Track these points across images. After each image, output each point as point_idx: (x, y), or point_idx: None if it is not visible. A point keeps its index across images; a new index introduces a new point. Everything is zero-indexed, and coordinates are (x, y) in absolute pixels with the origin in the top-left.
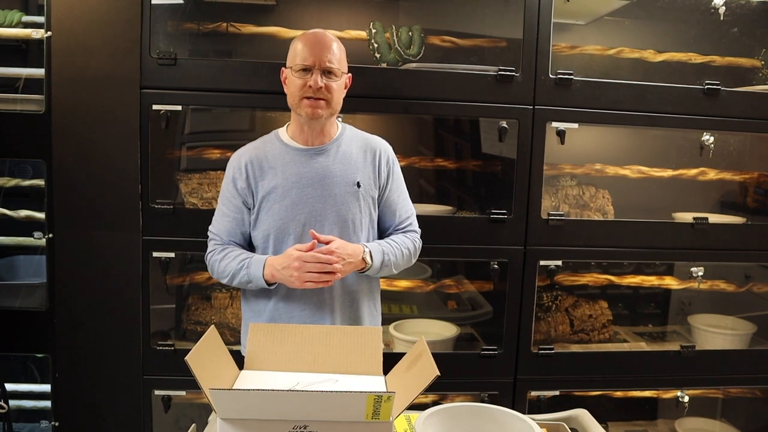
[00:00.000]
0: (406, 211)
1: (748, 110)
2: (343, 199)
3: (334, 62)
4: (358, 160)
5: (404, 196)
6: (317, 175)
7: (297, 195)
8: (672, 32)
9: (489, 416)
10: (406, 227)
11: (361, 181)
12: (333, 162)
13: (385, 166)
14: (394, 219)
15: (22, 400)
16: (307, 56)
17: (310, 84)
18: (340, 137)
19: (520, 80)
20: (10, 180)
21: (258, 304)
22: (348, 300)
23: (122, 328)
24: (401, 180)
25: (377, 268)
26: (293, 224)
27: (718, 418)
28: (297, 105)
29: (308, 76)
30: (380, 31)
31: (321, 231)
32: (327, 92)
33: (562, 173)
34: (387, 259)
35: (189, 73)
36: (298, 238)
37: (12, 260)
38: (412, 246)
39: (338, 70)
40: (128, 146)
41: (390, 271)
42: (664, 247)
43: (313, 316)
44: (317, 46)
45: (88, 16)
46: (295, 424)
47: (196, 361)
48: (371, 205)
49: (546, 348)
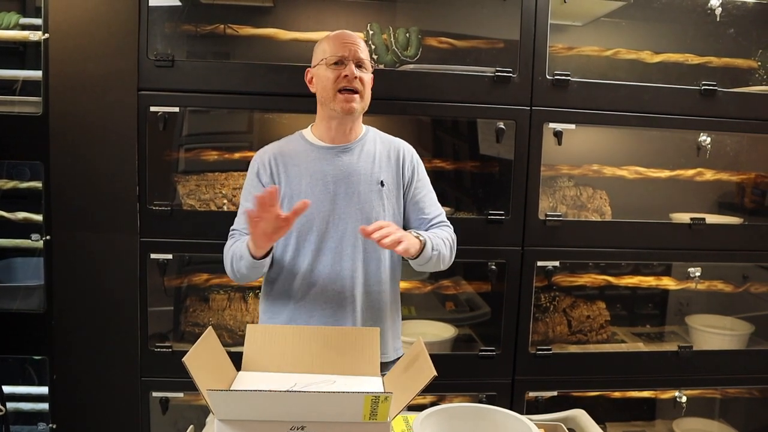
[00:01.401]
0: (435, 209)
1: (745, 111)
2: (367, 197)
3: (364, 55)
4: (382, 159)
5: (431, 196)
6: (342, 173)
7: (321, 192)
8: (669, 33)
9: (487, 417)
10: (439, 223)
11: (384, 180)
12: (357, 160)
13: (409, 165)
14: (424, 216)
15: (20, 403)
16: (339, 49)
17: (345, 74)
18: (365, 137)
19: (517, 81)
20: (8, 182)
21: (277, 305)
22: (370, 301)
23: (120, 330)
24: (427, 180)
25: (429, 251)
26: (317, 221)
27: (716, 418)
28: (331, 100)
29: (342, 67)
30: (377, 32)
31: (344, 228)
32: (361, 84)
33: (560, 174)
34: (436, 244)
35: (187, 74)
36: (321, 234)
37: (9, 262)
38: (450, 237)
39: (368, 62)
40: (126, 148)
41: (438, 261)
42: (661, 247)
43: (334, 315)
44: (348, 40)
45: (86, 18)
46: (292, 425)
47: (193, 362)
48: (395, 205)
49: (544, 349)
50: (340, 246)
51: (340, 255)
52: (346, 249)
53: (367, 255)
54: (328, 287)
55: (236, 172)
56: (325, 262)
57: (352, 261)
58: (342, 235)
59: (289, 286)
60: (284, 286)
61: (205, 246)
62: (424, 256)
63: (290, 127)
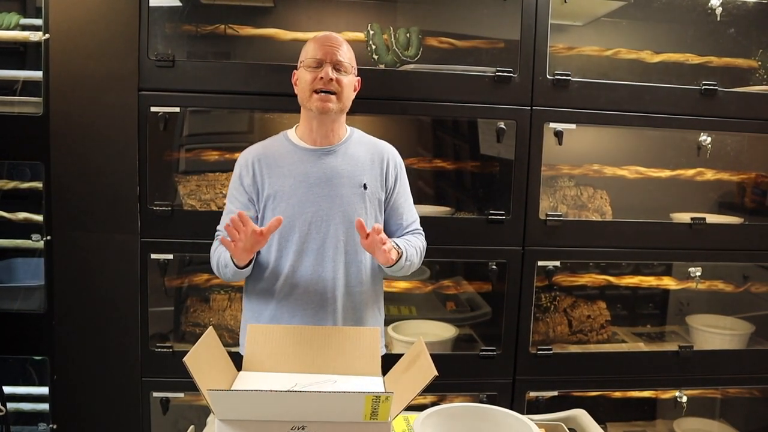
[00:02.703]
0: (411, 215)
1: (746, 110)
2: (349, 199)
3: (344, 57)
4: (365, 162)
5: (410, 202)
6: (324, 175)
7: (304, 194)
8: (669, 33)
9: (488, 417)
10: (414, 230)
11: (367, 183)
12: (341, 163)
13: (393, 170)
14: (401, 222)
15: (21, 403)
16: (318, 51)
17: (321, 76)
18: (349, 139)
19: (518, 81)
20: (8, 182)
21: (259, 303)
22: (351, 302)
23: (120, 330)
24: (407, 186)
25: (402, 261)
26: (299, 223)
27: (717, 418)
28: (307, 99)
29: (319, 70)
30: (378, 32)
31: (327, 230)
32: (337, 85)
33: (560, 174)
34: (409, 254)
35: (187, 75)
36: (303, 236)
37: (10, 263)
38: (422, 245)
39: (348, 65)
40: (126, 148)
41: (408, 269)
42: (662, 247)
43: (316, 316)
44: (328, 43)
45: (86, 18)
46: (293, 425)
47: (194, 362)
48: (377, 208)
49: (544, 348)
50: (323, 248)
51: (322, 256)
52: (328, 251)
53: (349, 257)
54: (310, 288)
55: None
56: (307, 263)
57: (334, 263)
58: (324, 237)
59: (272, 286)
60: (267, 285)
61: (206, 246)
62: (397, 266)
63: (290, 127)
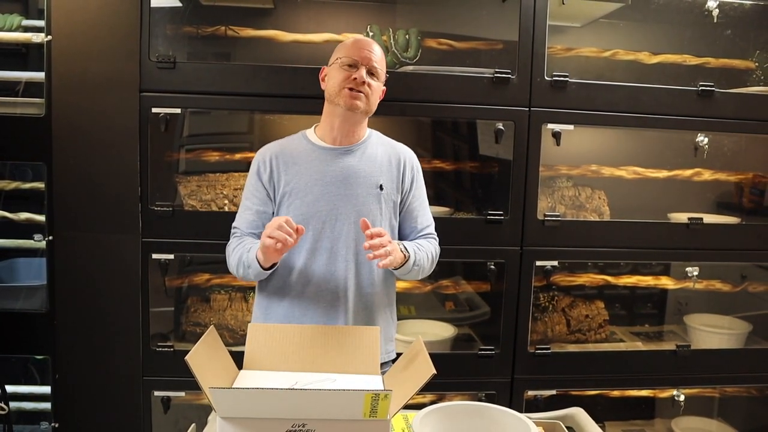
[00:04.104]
0: (426, 219)
1: (743, 111)
2: (364, 199)
3: (378, 65)
4: (383, 163)
5: (425, 206)
6: (341, 174)
7: (319, 192)
8: (666, 34)
9: (486, 415)
10: (428, 234)
11: (384, 185)
12: (358, 162)
13: (409, 172)
14: (415, 225)
15: (23, 402)
16: (356, 53)
17: (355, 77)
18: (367, 140)
19: (516, 82)
20: (11, 183)
21: (273, 300)
22: (362, 302)
23: (122, 330)
24: (423, 189)
25: (410, 265)
26: (313, 221)
27: (715, 417)
28: (337, 94)
29: (354, 70)
30: (377, 34)
31: (340, 230)
32: (368, 88)
33: (558, 174)
34: (419, 258)
35: (188, 76)
36: (317, 234)
37: (12, 263)
38: (434, 250)
39: (381, 72)
40: (128, 149)
41: (417, 273)
42: (659, 247)
43: (327, 315)
44: (366, 47)
45: (88, 20)
46: (293, 423)
47: (195, 360)
48: (392, 210)
49: (543, 348)
50: (335, 246)
51: (335, 255)
52: (340, 250)
53: (361, 257)
54: (322, 286)
55: (237, 172)
56: (320, 261)
57: (346, 262)
58: (337, 236)
59: (285, 282)
60: (279, 282)
61: (207, 246)
62: (404, 269)
63: (290, 128)
